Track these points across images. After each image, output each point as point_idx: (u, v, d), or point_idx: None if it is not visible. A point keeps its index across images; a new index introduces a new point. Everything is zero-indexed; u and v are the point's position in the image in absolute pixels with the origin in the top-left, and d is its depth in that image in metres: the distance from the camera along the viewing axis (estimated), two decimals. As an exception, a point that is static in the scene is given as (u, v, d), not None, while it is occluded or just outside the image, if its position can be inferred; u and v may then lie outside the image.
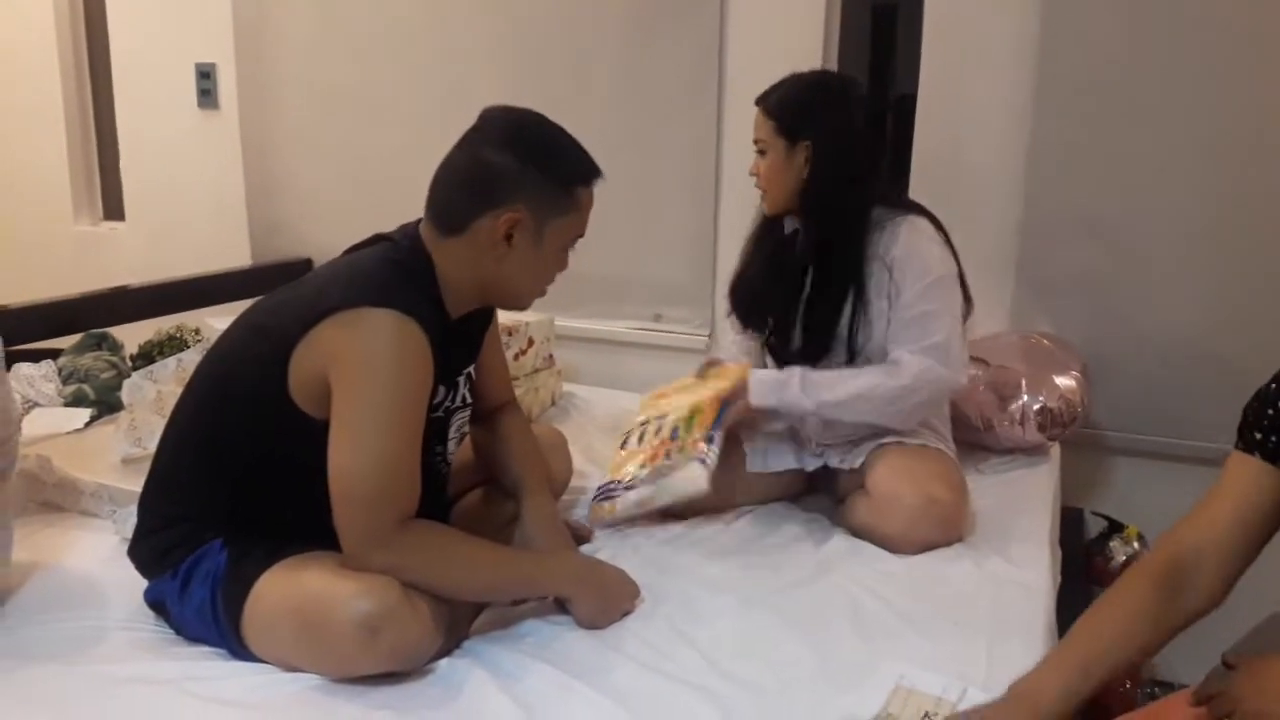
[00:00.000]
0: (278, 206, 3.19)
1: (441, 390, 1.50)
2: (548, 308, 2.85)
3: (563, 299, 2.86)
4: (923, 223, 1.86)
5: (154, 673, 1.34)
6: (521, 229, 1.43)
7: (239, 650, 1.38)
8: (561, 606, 1.49)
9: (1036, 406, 2.19)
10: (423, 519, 1.38)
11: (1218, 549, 1.20)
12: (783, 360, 1.97)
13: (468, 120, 3.26)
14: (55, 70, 3.55)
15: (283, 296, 1.47)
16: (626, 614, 1.50)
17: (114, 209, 3.65)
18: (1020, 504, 1.98)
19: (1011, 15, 2.33)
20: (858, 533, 1.80)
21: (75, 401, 2.27)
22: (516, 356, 2.43)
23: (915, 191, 2.48)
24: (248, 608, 1.36)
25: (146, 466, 1.53)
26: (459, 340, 1.54)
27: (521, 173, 1.42)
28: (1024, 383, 2.21)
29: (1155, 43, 2.20)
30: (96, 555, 1.69)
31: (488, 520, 1.71)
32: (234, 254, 3.18)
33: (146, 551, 1.50)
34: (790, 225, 1.97)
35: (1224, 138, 2.18)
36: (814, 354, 1.90)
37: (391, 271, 1.42)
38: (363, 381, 1.33)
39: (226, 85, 3.22)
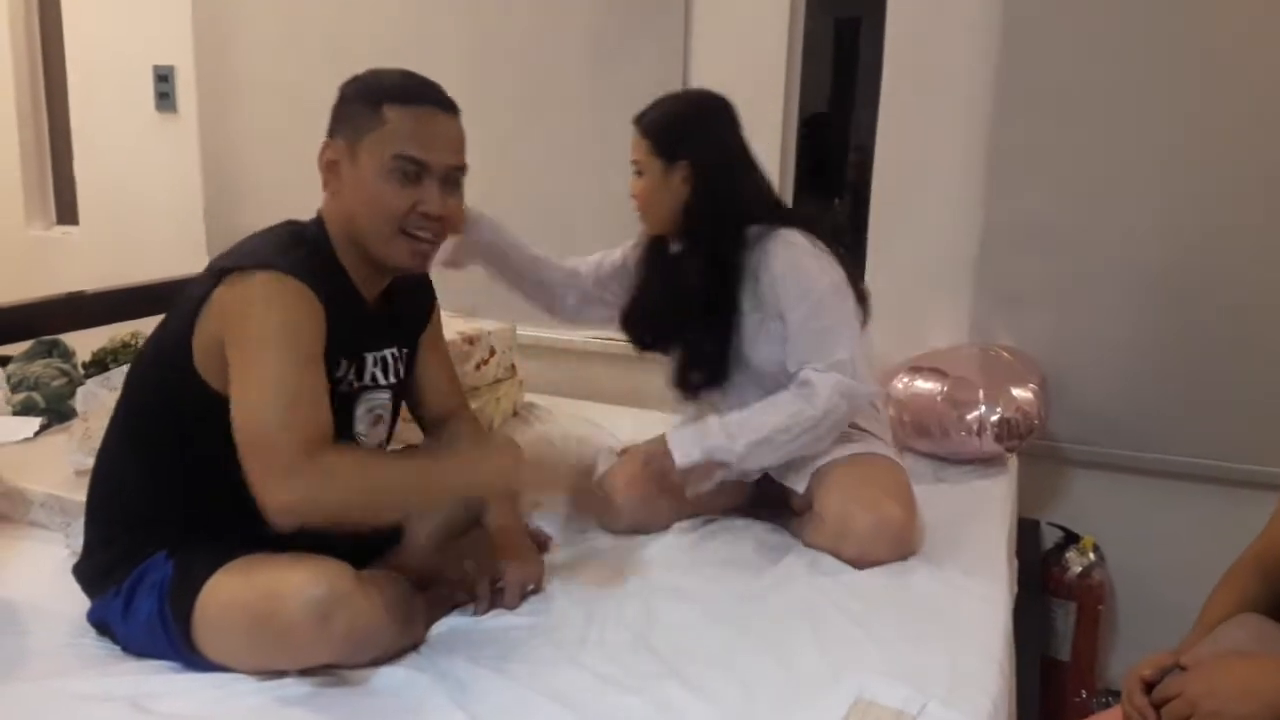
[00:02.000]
0: (236, 212, 3.15)
1: (344, 363, 1.46)
2: (511, 316, 2.85)
3: (525, 308, 2.88)
4: (794, 235, 1.80)
5: (107, 688, 1.31)
6: (342, 157, 1.45)
7: (191, 659, 1.36)
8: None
9: (994, 418, 2.21)
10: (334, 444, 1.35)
11: None
12: (687, 391, 1.94)
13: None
14: (8, 71, 3.49)
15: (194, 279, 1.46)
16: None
17: (67, 213, 3.58)
18: (978, 514, 1.99)
19: (972, 27, 2.36)
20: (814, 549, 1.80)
21: (25, 410, 2.22)
22: (478, 366, 2.41)
23: (876, 203, 2.52)
24: (198, 611, 1.33)
25: (100, 478, 1.50)
26: (374, 318, 1.52)
27: (341, 105, 1.48)
28: (981, 394, 2.23)
29: (1115, 54, 2.24)
30: (45, 568, 1.65)
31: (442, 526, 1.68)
32: (191, 260, 3.13)
33: (90, 569, 1.47)
34: (675, 246, 1.93)
35: (1183, 148, 2.22)
36: (716, 379, 1.87)
37: (282, 237, 1.43)
38: (245, 328, 1.32)
39: (185, 88, 3.18)
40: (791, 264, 1.78)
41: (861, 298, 1.86)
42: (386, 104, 1.43)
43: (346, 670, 1.36)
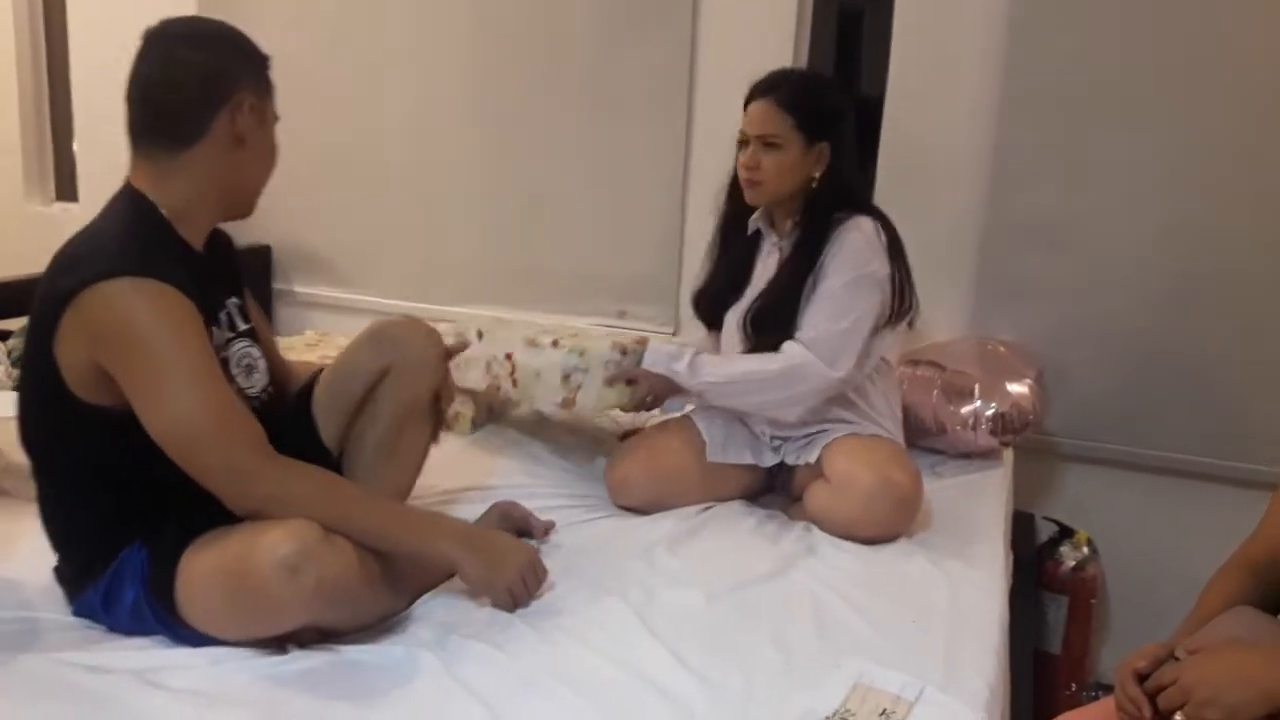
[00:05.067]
0: (237, 191, 3.14)
1: (214, 331, 1.46)
2: (511, 303, 2.85)
3: (528, 293, 2.89)
4: (866, 223, 1.87)
5: (109, 662, 1.32)
6: (254, 114, 1.44)
7: (182, 634, 1.37)
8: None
9: (989, 412, 2.23)
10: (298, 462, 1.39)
11: None
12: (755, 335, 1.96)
13: (432, 112, 3.23)
14: (10, 46, 3.47)
15: (37, 297, 1.39)
16: (532, 587, 1.49)
17: (66, 189, 3.57)
18: (974, 507, 2.01)
19: (979, 21, 2.36)
20: (816, 520, 1.83)
21: (25, 384, 2.21)
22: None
23: (880, 194, 2.51)
24: (179, 587, 1.35)
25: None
26: (212, 275, 1.50)
27: (235, 60, 1.44)
28: (977, 388, 2.25)
29: (1120, 50, 2.24)
30: (48, 544, 1.65)
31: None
32: (190, 239, 3.13)
33: (68, 571, 1.47)
34: (754, 225, 2.00)
35: (1186, 144, 2.23)
36: (766, 338, 1.91)
37: (113, 233, 1.38)
38: (137, 348, 1.30)
39: (187, 66, 3.16)
40: (849, 246, 1.85)
41: (907, 305, 1.91)
42: (269, 64, 1.48)
43: (344, 645, 1.37)
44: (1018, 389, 2.26)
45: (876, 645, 1.42)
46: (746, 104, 1.90)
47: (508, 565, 1.47)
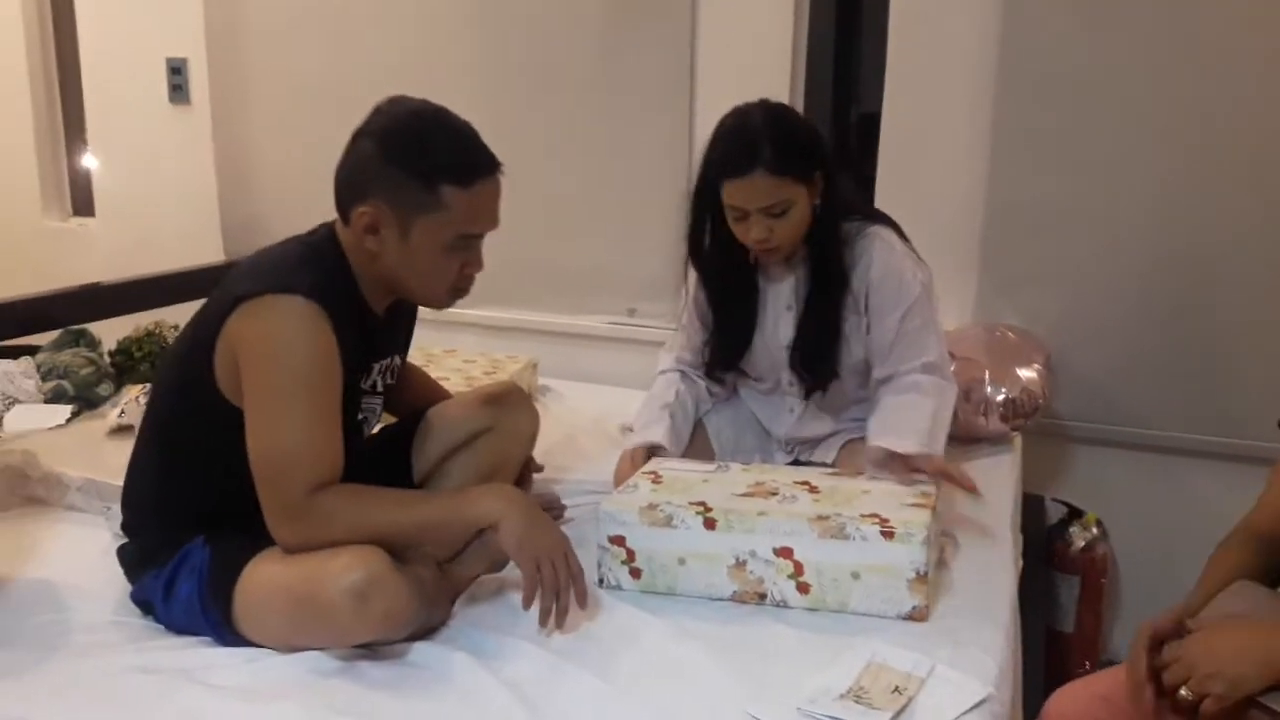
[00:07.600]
0: (251, 202, 3.19)
1: (361, 374, 1.53)
2: (521, 304, 2.89)
3: (538, 294, 2.93)
4: (890, 236, 1.83)
5: (153, 661, 1.37)
6: (385, 225, 1.43)
7: (228, 638, 1.42)
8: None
9: (999, 398, 2.26)
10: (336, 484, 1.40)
11: None
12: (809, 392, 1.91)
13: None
14: (23, 63, 3.53)
15: (214, 292, 1.49)
16: (560, 570, 1.40)
17: (83, 205, 3.63)
18: (984, 490, 2.02)
19: (975, 8, 2.39)
20: None
21: (55, 398, 2.28)
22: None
23: (881, 184, 2.55)
24: (238, 595, 1.39)
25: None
26: (382, 330, 1.57)
27: (383, 167, 1.43)
28: (987, 375, 2.28)
29: (1118, 36, 2.26)
30: (86, 549, 1.71)
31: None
32: (207, 250, 3.19)
33: (132, 553, 1.54)
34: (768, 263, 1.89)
35: (1186, 128, 2.25)
36: (824, 381, 1.86)
37: (297, 256, 1.46)
38: (262, 364, 1.38)
39: (198, 80, 3.22)
40: (891, 268, 1.80)
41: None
42: (444, 185, 1.42)
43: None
44: (1027, 374, 2.29)
45: (890, 626, 1.46)
46: (723, 179, 1.74)
47: (549, 531, 1.44)
